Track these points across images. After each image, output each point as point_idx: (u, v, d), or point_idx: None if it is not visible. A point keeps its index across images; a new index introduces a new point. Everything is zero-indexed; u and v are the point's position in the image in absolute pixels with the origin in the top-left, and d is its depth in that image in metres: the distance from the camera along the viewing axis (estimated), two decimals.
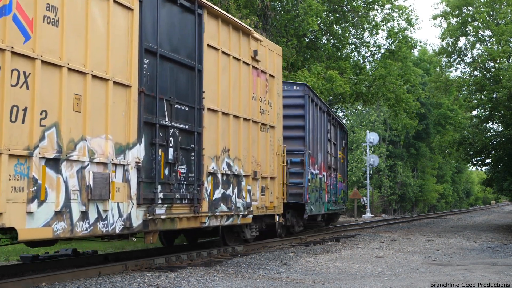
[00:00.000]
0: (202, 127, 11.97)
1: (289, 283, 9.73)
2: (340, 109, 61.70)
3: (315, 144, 19.96)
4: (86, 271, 9.71)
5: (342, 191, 26.74)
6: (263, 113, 14.75)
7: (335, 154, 24.40)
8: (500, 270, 11.71)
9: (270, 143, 15.02)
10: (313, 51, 28.66)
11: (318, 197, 20.37)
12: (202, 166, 11.89)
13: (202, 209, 11.82)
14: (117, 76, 9.61)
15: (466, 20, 31.76)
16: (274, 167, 15.29)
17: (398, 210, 59.80)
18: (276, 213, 15.51)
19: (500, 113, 31.29)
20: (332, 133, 23.61)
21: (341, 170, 26.14)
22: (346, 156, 28.32)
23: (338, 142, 25.02)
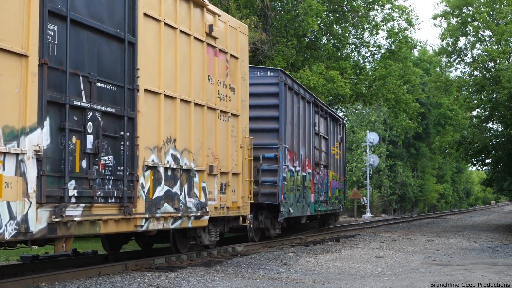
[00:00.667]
0: (136, 112, 9.86)
1: (289, 283, 9.73)
2: (340, 109, 61.81)
3: (296, 138, 17.89)
4: (86, 271, 9.71)
5: (338, 190, 24.40)
6: (222, 99, 12.74)
7: (327, 150, 22.15)
8: (500, 270, 11.71)
9: (232, 133, 13.08)
10: (313, 51, 28.67)
11: (300, 197, 18.23)
12: (137, 158, 9.80)
13: (136, 209, 9.76)
14: (6, 41, 7.63)
15: (466, 20, 31.76)
16: (237, 161, 13.29)
17: (398, 210, 59.79)
18: (242, 214, 13.46)
19: (500, 113, 31.30)
20: (322, 127, 21.45)
21: (335, 167, 23.89)
22: (344, 152, 26.23)
23: (331, 136, 22.76)
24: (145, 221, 10.05)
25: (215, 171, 12.28)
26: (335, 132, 23.64)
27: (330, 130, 22.73)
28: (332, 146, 23.05)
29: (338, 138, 24.39)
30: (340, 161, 25.00)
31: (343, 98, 29.25)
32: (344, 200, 26.27)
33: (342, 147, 25.54)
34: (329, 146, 22.49)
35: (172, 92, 11.01)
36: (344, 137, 26.37)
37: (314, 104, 20.04)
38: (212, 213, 12.20)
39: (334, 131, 23.53)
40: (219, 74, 12.71)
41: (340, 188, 25.17)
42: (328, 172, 22.17)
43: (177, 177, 11.02)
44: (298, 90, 18.27)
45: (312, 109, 19.77)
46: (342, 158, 25.79)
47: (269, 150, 16.34)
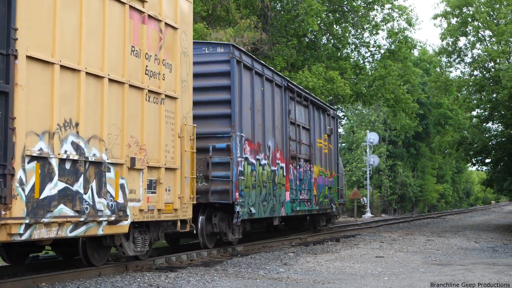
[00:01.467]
0: (12, 85, 7.60)
1: (289, 283, 9.74)
2: (340, 109, 61.83)
3: (260, 126, 15.34)
4: (86, 271, 9.71)
5: (327, 188, 21.66)
6: (153, 76, 10.37)
7: (309, 142, 19.53)
8: (500, 270, 11.71)
9: (167, 120, 10.70)
10: (313, 51, 28.67)
11: (268, 194, 15.55)
12: (12, 146, 7.56)
13: (10, 213, 7.52)
14: None
15: (466, 20, 31.76)
16: (175, 154, 10.88)
17: (398, 210, 59.81)
18: (180, 218, 11.01)
19: (500, 113, 31.31)
20: (301, 115, 18.83)
21: (323, 162, 21.22)
22: (336, 147, 23.39)
23: (315, 127, 20.12)
24: (25, 228, 7.74)
25: (140, 165, 9.89)
26: (321, 123, 20.90)
27: (314, 120, 20.03)
28: (318, 138, 20.44)
29: (327, 130, 21.74)
30: (330, 155, 22.22)
31: (343, 98, 29.24)
32: (337, 199, 23.31)
33: (333, 140, 22.84)
34: (312, 138, 19.75)
35: (74, 63, 8.66)
36: (336, 129, 23.46)
37: (288, 89, 17.46)
38: (136, 217, 9.83)
39: (320, 122, 20.85)
40: (148, 46, 10.31)
41: (331, 186, 22.28)
42: (311, 167, 19.41)
43: (80, 172, 8.67)
44: (262, 71, 15.62)
45: (286, 94, 17.28)
46: (334, 153, 23.00)
47: (221, 140, 13.78)
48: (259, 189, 15.04)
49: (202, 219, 13.53)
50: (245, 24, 21.69)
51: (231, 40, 20.10)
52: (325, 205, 21.36)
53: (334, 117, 23.23)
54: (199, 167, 13.32)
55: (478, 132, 33.33)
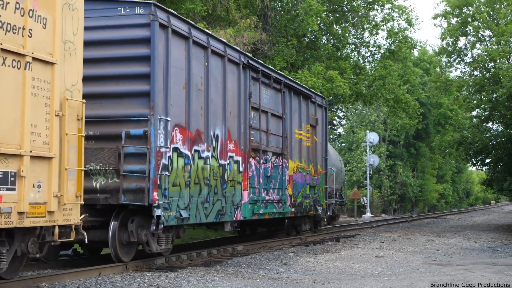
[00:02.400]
0: None
1: (289, 283, 9.74)
2: (340, 109, 61.85)
3: (201, 110, 12.28)
4: (86, 271, 9.72)
5: (310, 187, 18.70)
6: (12, 31, 7.58)
7: (283, 133, 16.49)
8: (500, 270, 11.71)
9: (36, 91, 7.86)
10: (313, 51, 28.66)
11: (212, 194, 12.56)
12: None
13: None
14: None
15: (466, 20, 31.77)
16: (50, 138, 8.01)
17: (398, 210, 59.81)
18: (59, 223, 8.10)
19: (500, 113, 31.32)
20: (272, 101, 15.81)
21: (305, 156, 18.39)
22: (324, 139, 20.50)
23: (293, 116, 17.30)
24: None
25: None
26: (301, 111, 17.93)
27: (291, 108, 17.08)
28: (297, 129, 17.59)
29: (310, 120, 18.80)
30: (314, 149, 19.29)
31: (342, 98, 29.24)
32: (325, 199, 20.43)
33: (320, 132, 19.92)
34: (287, 128, 16.77)
35: None
36: (324, 120, 20.43)
37: (250, 68, 14.30)
38: None
39: (301, 109, 17.92)
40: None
41: (316, 184, 19.23)
42: (285, 163, 16.44)
43: None
44: (207, 42, 12.61)
45: (246, 74, 14.19)
46: (320, 147, 20.03)
47: (137, 125, 10.88)
48: (198, 188, 11.94)
49: (114, 225, 10.75)
50: (245, 24, 21.68)
51: (231, 40, 20.09)
52: (306, 207, 18.29)
53: (322, 106, 20.27)
54: (108, 159, 10.80)
55: (478, 132, 33.34)
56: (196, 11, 20.87)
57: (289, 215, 17.11)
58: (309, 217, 19.63)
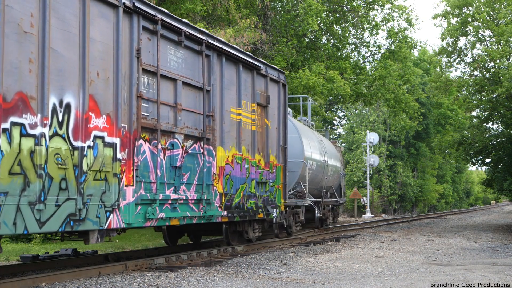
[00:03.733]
0: None
1: (289, 283, 9.74)
2: (340, 109, 61.89)
3: (33, 63, 8.34)
4: (86, 271, 9.72)
5: (255, 183, 14.47)
6: None
7: (207, 110, 12.53)
8: (500, 270, 11.71)
9: None
10: (313, 51, 28.68)
11: (49, 190, 8.46)
12: None
13: None
14: None
15: (466, 20, 31.77)
16: None
17: (398, 210, 59.83)
18: None
19: (500, 113, 31.33)
20: (186, 65, 11.95)
21: (251, 144, 14.41)
22: (282, 123, 16.23)
23: (228, 90, 13.36)
24: None
25: None
26: (241, 85, 13.83)
27: (222, 79, 13.14)
28: (234, 107, 13.66)
29: (258, 98, 14.77)
30: (266, 136, 15.21)
31: (343, 98, 29.25)
32: (282, 200, 16.10)
33: (275, 114, 15.86)
34: (216, 105, 12.86)
35: None
36: (279, 99, 16.15)
37: (138, 14, 10.54)
38: None
39: (240, 82, 13.82)
40: None
41: (268, 180, 15.13)
42: (210, 150, 12.52)
43: None
44: None
45: (133, 23, 10.44)
46: (276, 133, 15.94)
47: None
48: (20, 181, 8.02)
49: None
50: (245, 24, 21.69)
51: (231, 40, 20.10)
52: (251, 209, 14.23)
53: (278, 82, 16.04)
54: None
55: (478, 132, 33.36)
56: (196, 11, 20.88)
57: (219, 220, 12.89)
58: (258, 222, 15.47)
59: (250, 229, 15.20)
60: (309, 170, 20.35)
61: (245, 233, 15.07)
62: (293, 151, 18.78)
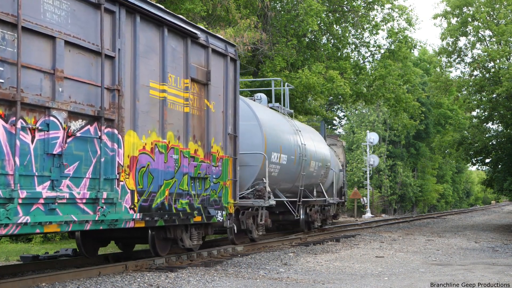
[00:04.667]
0: None
1: (289, 283, 9.74)
2: (340, 109, 61.91)
3: None
4: (86, 271, 9.72)
5: (187, 178, 11.57)
6: None
7: (105, 82, 9.54)
8: (500, 270, 11.71)
9: None
10: (313, 51, 28.67)
11: None
12: None
13: None
14: None
15: (466, 20, 31.77)
16: None
17: (398, 210, 59.83)
18: None
19: (500, 113, 31.33)
20: (71, 21, 8.99)
21: (184, 130, 11.62)
22: (231, 109, 13.45)
23: (138, 57, 10.30)
24: None
25: None
26: (166, 54, 11.07)
27: (135, 43, 10.29)
28: (154, 82, 10.77)
29: (193, 73, 11.93)
30: (207, 120, 12.42)
31: (343, 98, 29.24)
32: (230, 200, 13.28)
33: (220, 95, 13.05)
34: (125, 76, 10.02)
35: None
36: (226, 77, 13.26)
37: None
38: None
39: (164, 51, 11.04)
40: None
41: (209, 175, 12.34)
42: (115, 135, 9.67)
43: None
44: None
45: None
46: (222, 118, 13.12)
47: None
48: None
49: None
50: (245, 24, 21.69)
51: (231, 40, 20.10)
52: (183, 211, 11.46)
53: (225, 55, 13.23)
54: None
55: (478, 132, 33.36)
56: (196, 11, 20.87)
57: (130, 225, 10.01)
58: (198, 227, 12.59)
59: (186, 236, 12.11)
60: (275, 164, 17.00)
61: (180, 241, 12.06)
62: (252, 142, 15.83)
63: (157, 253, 11.82)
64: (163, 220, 10.86)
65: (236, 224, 14.42)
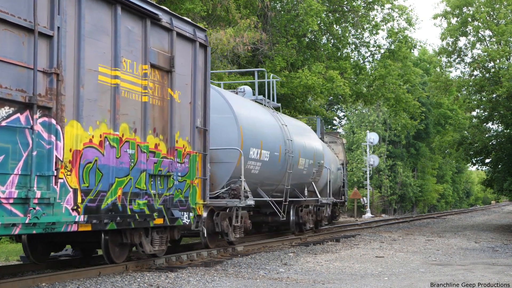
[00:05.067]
0: None
1: (289, 283, 9.74)
2: (340, 109, 61.93)
3: None
4: (86, 271, 9.72)
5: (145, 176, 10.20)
6: None
7: (38, 64, 8.16)
8: (500, 270, 11.72)
9: None
10: (313, 51, 28.68)
11: None
12: None
13: None
14: None
15: (466, 20, 31.77)
16: None
17: (398, 210, 59.84)
18: None
19: (500, 113, 31.33)
20: None
21: (141, 122, 10.17)
22: (201, 99, 12.03)
23: (82, 37, 8.93)
24: None
25: None
26: (119, 36, 9.67)
27: (79, 21, 8.94)
28: (104, 66, 9.42)
29: (154, 58, 10.50)
30: (169, 112, 10.93)
31: (343, 98, 29.25)
32: (197, 200, 11.72)
33: (189, 84, 11.63)
34: (66, 58, 8.62)
35: None
36: (195, 64, 11.76)
37: None
38: None
39: (117, 32, 9.66)
40: None
41: (170, 173, 10.82)
42: (52, 126, 8.37)
43: None
44: None
45: None
46: (190, 109, 11.63)
47: None
48: None
49: None
50: (245, 24, 21.69)
51: (231, 40, 20.09)
52: (140, 213, 10.03)
53: (193, 40, 11.72)
54: None
55: (478, 132, 33.36)
56: (196, 11, 20.88)
57: (72, 228, 8.75)
58: (161, 231, 11.03)
59: (146, 240, 10.63)
60: (255, 161, 15.53)
61: (140, 247, 10.62)
62: (227, 137, 14.55)
63: (112, 260, 10.39)
64: (115, 223, 9.45)
65: (210, 226, 13.62)
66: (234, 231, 14.32)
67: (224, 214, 14.01)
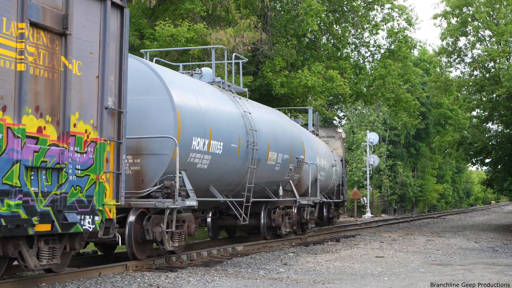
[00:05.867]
0: None
1: (289, 283, 9.74)
2: (340, 109, 61.93)
3: None
4: (86, 271, 9.72)
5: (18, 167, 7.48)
6: None
7: None
8: (500, 270, 11.72)
9: None
10: (313, 51, 28.67)
11: None
12: None
13: None
14: None
15: (466, 20, 31.78)
16: None
17: (398, 210, 59.84)
18: None
19: (500, 113, 31.34)
20: None
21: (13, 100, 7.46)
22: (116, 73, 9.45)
23: None
24: None
25: None
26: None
27: None
28: None
29: (35, 15, 7.77)
30: (67, 87, 8.30)
31: (343, 98, 29.25)
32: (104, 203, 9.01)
33: (96, 54, 8.98)
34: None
35: None
36: (110, 30, 9.15)
37: None
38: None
39: None
40: None
41: (61, 165, 8.14)
42: None
43: None
44: None
45: None
46: (102, 85, 9.03)
47: None
48: None
49: None
50: (245, 24, 21.69)
51: (231, 40, 20.07)
52: (8, 217, 7.35)
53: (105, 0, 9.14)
54: None
55: (478, 132, 33.37)
56: (196, 11, 20.87)
57: None
58: (50, 241, 8.40)
59: (28, 253, 8.07)
60: (201, 153, 12.75)
61: (21, 260, 8.12)
62: (160, 122, 11.78)
63: None
64: None
65: (140, 232, 11.22)
66: (172, 239, 11.70)
67: (157, 218, 11.38)
